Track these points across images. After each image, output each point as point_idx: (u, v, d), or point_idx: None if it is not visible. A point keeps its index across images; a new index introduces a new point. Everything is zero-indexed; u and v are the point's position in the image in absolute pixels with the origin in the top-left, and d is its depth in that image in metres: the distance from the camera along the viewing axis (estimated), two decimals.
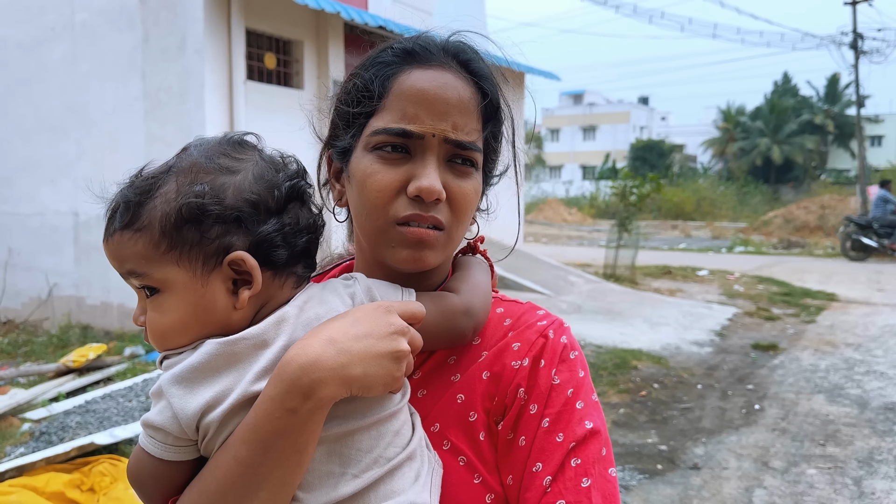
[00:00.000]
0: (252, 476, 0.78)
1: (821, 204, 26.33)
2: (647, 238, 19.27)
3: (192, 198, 0.83)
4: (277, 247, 0.86)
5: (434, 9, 12.96)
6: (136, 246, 0.84)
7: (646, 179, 13.33)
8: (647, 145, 52.07)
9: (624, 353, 7.35)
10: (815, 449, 4.94)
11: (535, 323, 1.00)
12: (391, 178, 0.91)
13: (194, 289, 0.84)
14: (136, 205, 0.85)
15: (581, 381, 0.96)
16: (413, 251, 0.92)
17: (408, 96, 0.92)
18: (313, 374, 0.77)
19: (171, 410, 0.81)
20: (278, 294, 0.89)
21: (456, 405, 0.95)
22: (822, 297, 11.62)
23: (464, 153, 0.94)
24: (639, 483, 4.35)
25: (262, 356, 0.82)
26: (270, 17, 8.62)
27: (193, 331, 0.85)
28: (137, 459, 0.86)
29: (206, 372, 0.82)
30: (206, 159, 0.87)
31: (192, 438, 0.83)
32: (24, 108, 8.98)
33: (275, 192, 0.87)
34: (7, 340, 7.86)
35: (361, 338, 0.81)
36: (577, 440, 0.91)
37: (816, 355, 7.68)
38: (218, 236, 0.84)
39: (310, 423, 0.78)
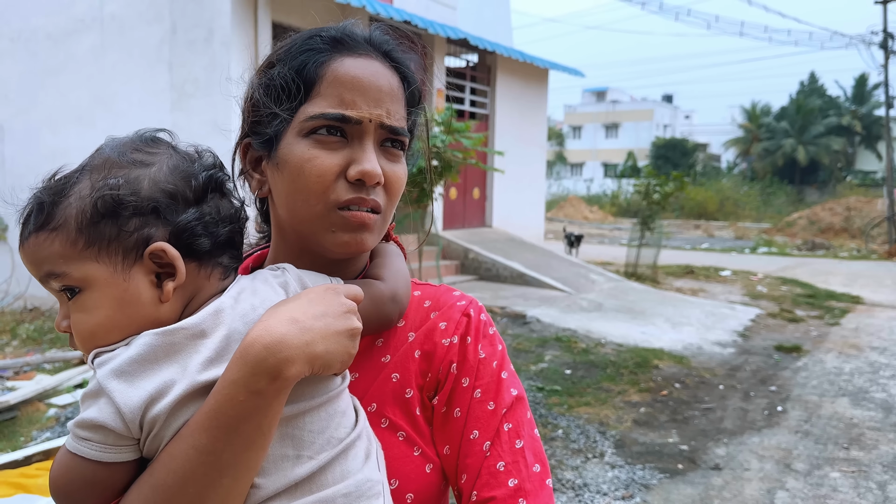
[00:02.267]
0: (214, 463, 0.77)
1: (846, 206, 26.00)
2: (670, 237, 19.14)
3: (107, 191, 0.82)
4: (199, 236, 0.85)
5: (458, 3, 12.95)
6: (53, 246, 0.83)
7: (669, 178, 13.24)
8: (669, 143, 51.65)
9: (645, 353, 7.31)
10: (838, 452, 4.88)
11: (455, 303, 1.05)
12: (331, 163, 0.93)
13: (116, 284, 0.82)
14: (50, 205, 0.84)
15: (501, 353, 1.03)
16: (354, 234, 0.94)
17: (343, 83, 0.94)
18: (279, 354, 0.77)
19: (112, 406, 0.77)
20: (206, 286, 0.87)
21: (391, 384, 0.99)
22: (846, 300, 11.48)
23: (395, 137, 0.98)
24: (659, 482, 4.33)
25: (203, 346, 0.81)
26: (296, 10, 8.66)
27: (121, 327, 0.83)
28: (66, 468, 0.80)
29: (146, 364, 0.79)
30: (118, 155, 0.86)
31: (135, 436, 0.79)
32: (53, 99, 9.10)
33: (192, 181, 0.86)
34: (33, 327, 7.98)
35: (320, 316, 0.82)
36: (507, 406, 0.98)
37: (841, 358, 7.59)
38: (136, 229, 0.82)
39: (275, 403, 0.79)
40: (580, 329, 8.15)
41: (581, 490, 4.17)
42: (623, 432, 5.13)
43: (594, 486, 4.23)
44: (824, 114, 49.08)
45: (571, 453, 4.70)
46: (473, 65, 13.35)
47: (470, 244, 11.59)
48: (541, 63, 13.70)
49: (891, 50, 23.30)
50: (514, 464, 0.95)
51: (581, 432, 5.06)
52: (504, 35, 14.36)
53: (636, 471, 4.47)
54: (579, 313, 9.02)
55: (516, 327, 8.14)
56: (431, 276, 9.26)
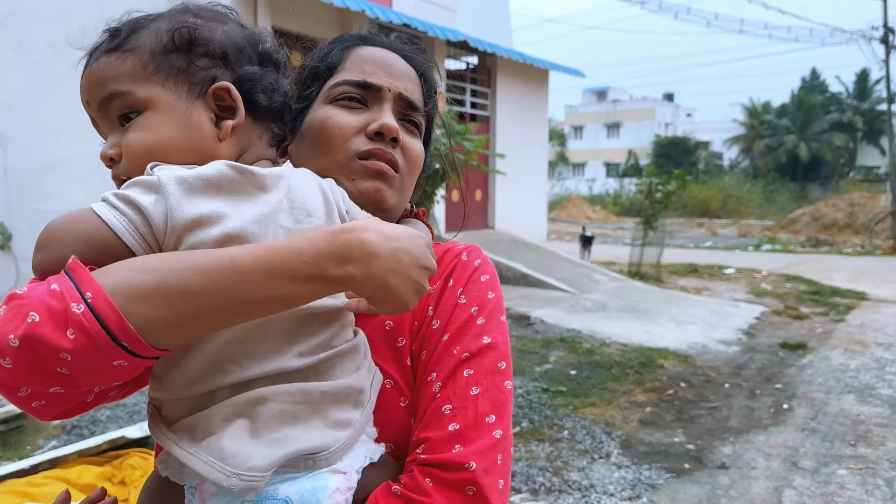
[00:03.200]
0: (240, 294, 0.74)
1: (850, 201, 25.93)
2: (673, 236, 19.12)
3: (185, 25, 0.86)
4: (258, 91, 0.90)
5: (458, 6, 12.96)
6: (124, 65, 0.84)
7: (672, 177, 13.22)
8: (671, 142, 51.59)
9: (650, 352, 7.30)
10: (845, 449, 4.87)
11: (454, 248, 1.06)
12: (351, 120, 1.00)
13: (180, 110, 0.85)
14: (127, 31, 0.87)
15: (487, 300, 0.99)
16: (374, 182, 0.98)
17: (365, 59, 1.03)
18: (365, 253, 0.77)
19: (164, 206, 0.77)
20: (257, 144, 0.92)
21: (384, 331, 1.00)
22: (851, 296, 11.45)
23: (412, 114, 1.04)
24: (666, 482, 4.32)
25: (261, 199, 0.83)
26: (296, 16, 8.68)
27: (181, 149, 0.84)
28: (75, 220, 0.78)
29: (212, 187, 0.80)
30: (196, 7, 0.91)
31: (161, 242, 0.78)
32: (55, 108, 9.11)
33: (258, 46, 0.92)
34: None
35: (412, 255, 0.81)
36: (471, 352, 0.94)
37: (846, 355, 7.57)
38: (205, 67, 0.87)
39: (314, 294, 0.78)
40: (584, 329, 8.14)
41: (588, 491, 4.16)
42: (629, 432, 5.12)
43: (601, 486, 4.23)
44: (826, 110, 48.98)
45: (577, 454, 4.69)
46: (473, 67, 13.36)
47: None
48: (541, 64, 13.70)
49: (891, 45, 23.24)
50: (461, 409, 0.90)
51: (587, 433, 5.05)
52: (504, 36, 14.37)
53: (643, 471, 4.46)
54: (583, 314, 9.01)
55: (520, 328, 8.13)
56: None
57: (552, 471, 4.42)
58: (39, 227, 3.83)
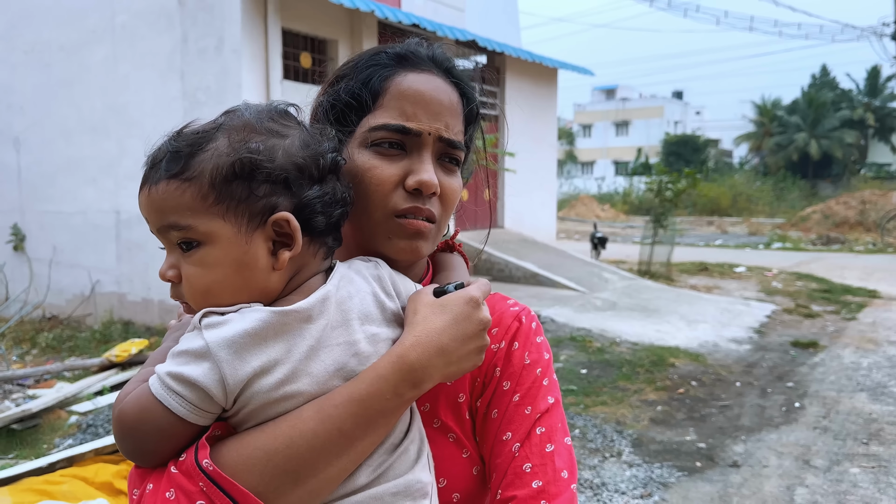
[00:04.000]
0: (347, 445, 0.84)
1: (861, 199, 25.75)
2: (683, 234, 19.06)
3: (247, 153, 0.84)
4: (317, 214, 0.88)
5: (466, 5, 12.96)
6: (184, 196, 0.83)
7: (681, 175, 13.19)
8: (680, 140, 51.42)
9: (661, 351, 7.29)
10: (858, 448, 4.86)
11: (509, 309, 1.10)
12: (391, 173, 0.97)
13: (238, 244, 0.84)
14: (186, 155, 0.84)
15: (547, 362, 1.06)
16: (410, 241, 0.99)
17: (406, 96, 0.98)
18: (425, 371, 0.87)
19: (218, 374, 0.79)
20: (311, 263, 0.91)
21: (445, 387, 1.03)
22: (863, 294, 11.40)
23: (452, 152, 1.02)
24: (677, 480, 4.33)
25: (308, 332, 0.84)
26: (306, 17, 8.71)
27: (235, 288, 0.85)
28: (143, 410, 0.81)
29: (258, 339, 0.81)
30: (256, 121, 0.88)
31: (227, 407, 0.81)
32: (67, 109, 9.18)
33: (320, 160, 0.89)
34: (52, 336, 8.06)
35: (460, 338, 0.90)
36: (542, 412, 1.01)
37: (858, 353, 7.54)
38: (265, 195, 0.84)
39: (405, 406, 0.88)
40: (595, 328, 8.15)
41: (599, 489, 4.17)
42: (640, 431, 5.13)
43: (612, 485, 4.24)
44: (836, 107, 48.69)
45: (589, 453, 4.70)
46: (482, 66, 13.36)
47: (481, 245, 11.58)
48: (550, 63, 13.69)
49: None
50: (541, 466, 0.97)
51: (598, 432, 5.06)
52: (512, 36, 14.36)
53: (654, 469, 4.47)
54: (593, 312, 9.01)
55: None
56: None
57: None
58: (52, 228, 3.93)
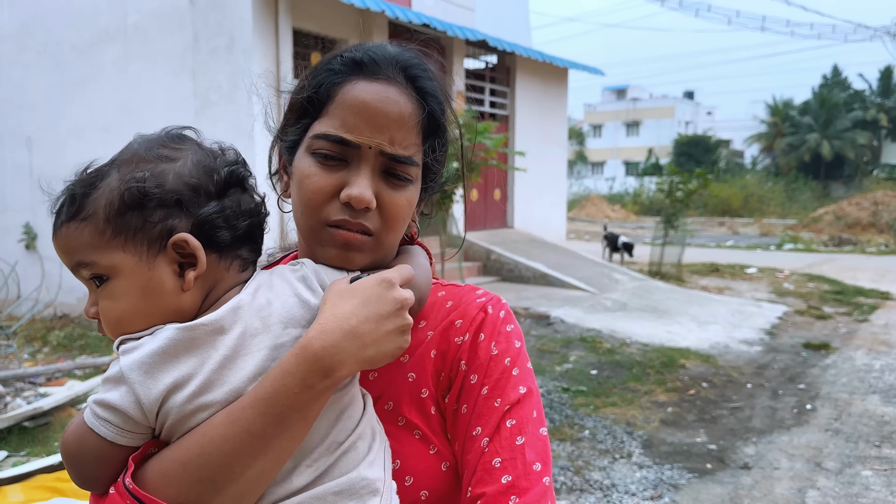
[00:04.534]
0: (262, 446, 0.82)
1: (874, 200, 25.58)
2: (694, 235, 18.98)
3: (133, 183, 0.86)
4: (219, 228, 0.89)
5: (477, 5, 12.96)
6: (83, 236, 0.87)
7: (692, 175, 13.14)
8: (691, 140, 51.21)
9: (671, 352, 7.26)
10: (870, 450, 4.82)
11: (475, 300, 1.06)
12: (325, 183, 0.96)
13: (142, 272, 0.86)
14: (81, 196, 0.88)
15: (517, 350, 1.02)
16: (340, 252, 0.97)
17: (349, 106, 0.96)
18: (335, 357, 0.83)
19: (133, 395, 0.82)
20: (225, 277, 0.91)
21: (408, 384, 1.01)
22: (875, 296, 11.32)
23: (399, 168, 0.98)
24: (688, 482, 4.31)
25: (221, 343, 0.84)
26: (316, 17, 8.73)
27: (145, 315, 0.87)
28: (80, 439, 0.85)
29: (167, 357, 0.83)
30: (146, 150, 0.90)
31: (151, 425, 0.83)
32: (79, 109, 9.24)
33: (213, 176, 0.90)
34: (63, 334, 8.10)
35: (373, 319, 0.87)
36: (511, 403, 0.97)
37: (870, 355, 7.49)
38: (160, 220, 0.86)
39: (321, 399, 0.85)
40: (605, 329, 8.12)
41: (609, 490, 4.16)
42: (650, 432, 5.11)
43: (622, 486, 4.22)
44: (849, 107, 48.37)
45: (599, 454, 4.69)
46: (493, 66, 13.35)
47: (492, 245, 11.58)
48: (560, 62, 13.66)
49: None
50: (510, 460, 0.94)
51: (608, 433, 5.05)
52: (523, 35, 14.34)
53: (664, 471, 4.45)
54: (603, 313, 8.99)
55: (540, 328, 8.13)
56: (454, 277, 9.28)
57: (573, 470, 4.42)
58: None
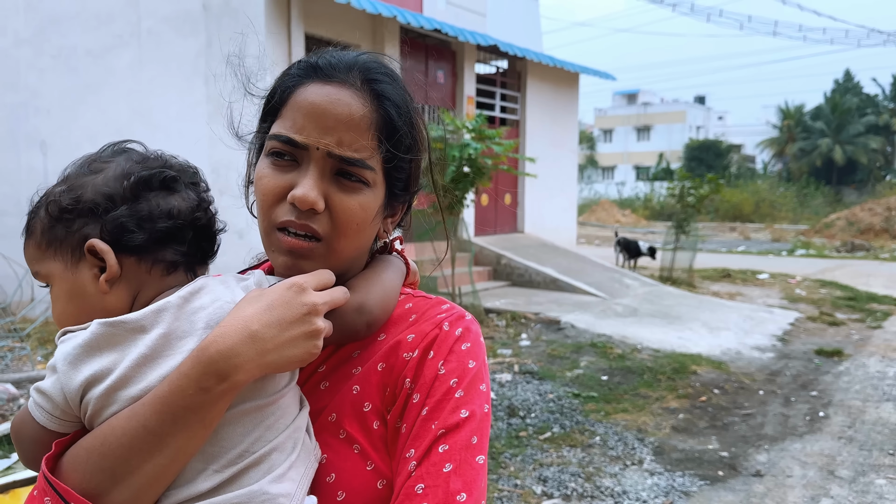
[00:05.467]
0: (157, 443, 0.83)
1: (887, 205, 25.42)
2: (705, 240, 18.91)
3: (52, 198, 0.94)
4: (130, 231, 0.91)
5: (488, 10, 12.98)
6: (29, 249, 0.96)
7: (704, 180, 13.09)
8: (702, 145, 51.04)
9: (683, 358, 7.23)
10: (884, 458, 4.79)
11: (435, 315, 1.02)
12: (275, 184, 0.96)
13: (68, 278, 0.93)
14: (30, 216, 0.97)
15: (467, 370, 0.97)
16: (287, 258, 0.96)
17: (299, 107, 0.97)
18: (231, 361, 0.82)
19: (59, 384, 0.86)
20: (148, 280, 0.94)
21: (352, 396, 0.98)
22: (888, 302, 11.24)
23: (350, 169, 0.96)
24: (699, 489, 4.29)
25: (140, 341, 0.86)
26: (328, 22, 8.76)
27: (75, 316, 0.93)
28: (22, 421, 0.91)
29: (90, 350, 0.87)
30: (77, 166, 0.98)
31: (76, 413, 0.87)
32: (93, 113, 9.31)
33: (124, 181, 0.93)
34: None
35: (276, 324, 0.86)
36: (448, 427, 0.93)
37: (884, 362, 7.43)
38: (78, 228, 0.92)
39: (220, 402, 0.84)
40: (615, 335, 8.10)
41: (620, 497, 4.15)
42: (662, 439, 5.09)
43: (633, 493, 4.21)
44: (861, 112, 48.12)
45: (610, 460, 4.67)
46: (503, 71, 13.37)
47: (502, 250, 11.58)
48: (571, 67, 13.66)
49: None
50: (433, 488, 0.90)
51: (619, 439, 5.03)
52: (534, 40, 14.35)
53: (676, 478, 4.43)
54: (614, 319, 8.96)
55: (550, 333, 8.11)
56: (464, 282, 9.27)
57: (584, 476, 4.41)
58: None
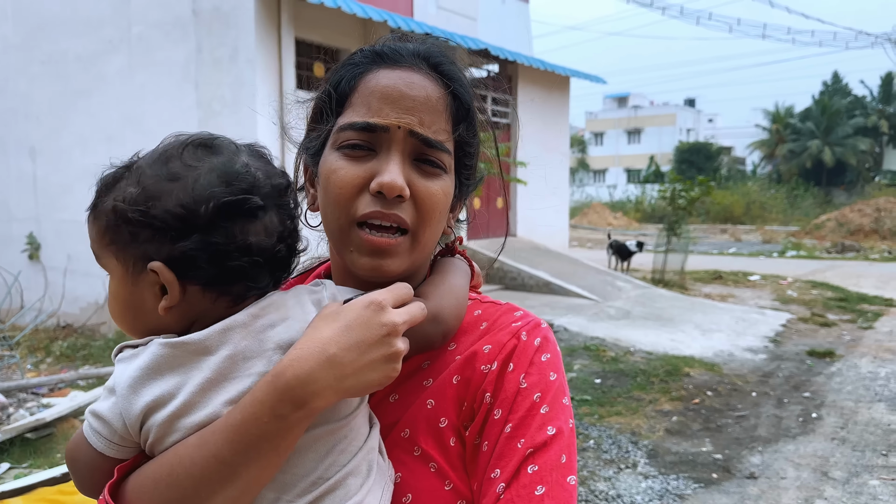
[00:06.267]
0: (228, 473, 0.78)
1: (876, 206, 25.56)
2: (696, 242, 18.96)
3: (121, 202, 0.84)
4: (199, 265, 0.82)
5: (479, 14, 12.99)
6: (92, 231, 0.89)
7: (695, 182, 13.13)
8: (693, 148, 51.23)
9: (675, 360, 7.24)
10: (876, 459, 4.80)
11: (510, 324, 0.96)
12: (354, 174, 0.89)
13: (126, 285, 0.86)
14: (98, 192, 0.89)
15: (550, 384, 0.91)
16: (372, 259, 0.90)
17: (372, 92, 0.91)
18: (308, 387, 0.77)
19: (118, 409, 0.81)
20: (211, 309, 0.85)
21: (426, 410, 0.92)
22: (879, 303, 11.29)
23: (431, 153, 0.91)
24: (694, 492, 4.29)
25: (204, 364, 0.81)
26: (319, 27, 8.75)
27: (130, 321, 0.88)
28: (77, 447, 0.86)
29: (151, 373, 0.81)
30: (155, 162, 0.86)
31: (135, 440, 0.83)
32: (84, 119, 9.26)
33: (202, 207, 0.82)
34: (66, 344, 8.10)
35: (355, 346, 0.80)
36: (535, 446, 0.87)
37: (875, 362, 7.46)
38: (145, 241, 0.83)
39: (295, 429, 0.79)
40: (608, 337, 8.10)
41: (615, 501, 4.14)
42: (655, 442, 5.09)
43: (628, 496, 4.20)
44: (850, 114, 48.41)
45: (604, 464, 4.67)
46: (494, 75, 13.38)
47: (494, 254, 11.56)
48: (562, 71, 13.68)
49: None
50: None
51: (613, 442, 5.03)
52: (524, 44, 14.36)
53: (670, 481, 4.43)
54: (607, 321, 8.97)
55: None
56: None
57: (578, 480, 4.40)
58: (68, 237, 4.02)
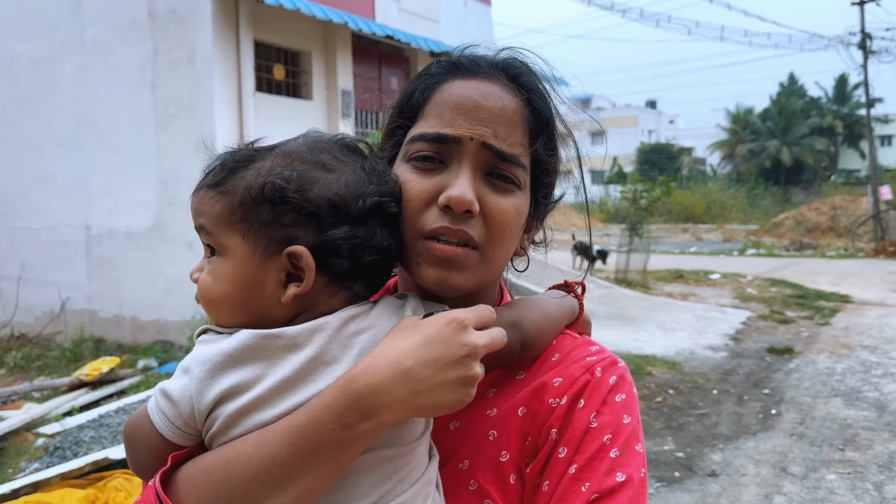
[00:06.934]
0: (285, 478, 0.74)
1: (832, 205, 26.19)
2: (658, 242, 19.21)
3: (278, 179, 0.83)
4: (340, 255, 0.83)
5: (441, 17, 12.99)
6: (215, 206, 0.85)
7: (656, 183, 13.29)
8: (655, 149, 51.87)
9: (638, 360, 7.30)
10: (834, 454, 4.88)
11: (584, 358, 0.91)
12: (422, 188, 0.86)
13: (250, 266, 0.83)
14: (230, 169, 0.86)
15: (623, 427, 0.86)
16: (438, 270, 0.85)
17: (446, 102, 0.88)
18: (379, 398, 0.74)
19: (190, 390, 0.79)
20: (325, 302, 0.85)
21: (488, 442, 0.88)
22: (836, 299, 11.54)
23: (504, 167, 0.87)
24: (656, 491, 4.31)
25: (288, 361, 0.80)
26: (279, 29, 8.66)
27: (235, 308, 0.85)
28: (139, 424, 0.83)
29: (233, 361, 0.80)
30: (308, 150, 0.86)
31: (198, 427, 0.80)
32: (37, 124, 9.04)
33: (359, 201, 0.84)
34: (20, 355, 7.89)
35: (432, 363, 0.76)
36: (602, 492, 0.81)
37: (832, 358, 7.61)
38: (289, 224, 0.82)
39: (359, 442, 0.75)
40: None
41: None
42: None
43: None
44: (806, 114, 49.51)
45: None
46: None
47: None
48: None
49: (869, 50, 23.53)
50: None
51: None
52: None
53: None
54: None
55: None
56: None
57: None
58: (21, 244, 3.91)
